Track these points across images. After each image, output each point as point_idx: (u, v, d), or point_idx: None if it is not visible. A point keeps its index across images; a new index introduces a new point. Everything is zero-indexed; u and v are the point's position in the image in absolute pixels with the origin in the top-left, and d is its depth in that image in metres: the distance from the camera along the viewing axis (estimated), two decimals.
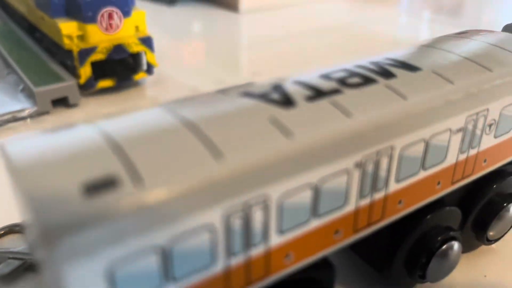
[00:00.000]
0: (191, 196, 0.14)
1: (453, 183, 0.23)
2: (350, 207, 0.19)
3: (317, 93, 0.18)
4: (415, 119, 0.19)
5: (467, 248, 0.28)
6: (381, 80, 0.20)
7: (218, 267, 0.16)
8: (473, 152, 0.23)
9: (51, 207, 0.12)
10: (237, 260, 0.16)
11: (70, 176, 0.13)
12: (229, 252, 0.16)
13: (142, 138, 0.15)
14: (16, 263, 0.26)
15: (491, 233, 0.27)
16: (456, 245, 0.24)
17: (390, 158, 0.19)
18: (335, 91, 0.19)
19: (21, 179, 0.13)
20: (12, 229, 0.30)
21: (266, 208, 0.16)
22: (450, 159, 0.22)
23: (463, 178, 0.23)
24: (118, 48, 0.47)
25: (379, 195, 0.20)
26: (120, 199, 0.13)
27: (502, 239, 0.28)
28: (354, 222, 0.19)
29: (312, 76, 0.20)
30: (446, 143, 0.21)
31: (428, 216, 0.23)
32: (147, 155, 0.14)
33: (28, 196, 0.13)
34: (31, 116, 0.44)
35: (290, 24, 0.78)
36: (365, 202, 0.19)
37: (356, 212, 0.19)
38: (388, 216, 0.21)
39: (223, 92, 0.19)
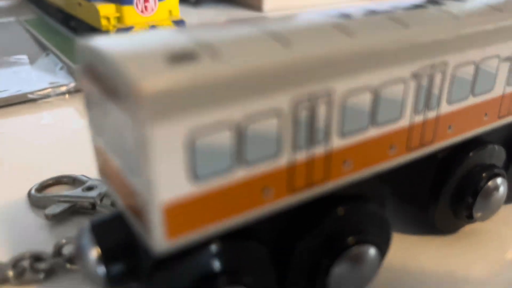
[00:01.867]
0: (262, 75, 0.15)
1: (499, 117, 0.23)
2: (405, 121, 0.19)
3: (373, 12, 0.19)
4: (466, 39, 0.20)
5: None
6: (432, 6, 0.21)
7: (284, 159, 0.16)
8: None
9: (141, 71, 0.13)
10: (300, 156, 0.17)
11: (156, 51, 0.14)
12: (294, 145, 0.16)
13: (220, 32, 0.16)
14: (65, 205, 0.27)
15: None
16: (501, 181, 0.24)
17: (443, 75, 0.19)
18: (389, 11, 0.19)
19: (113, 55, 0.14)
20: (59, 180, 0.31)
21: (330, 103, 0.16)
22: (498, 90, 0.22)
23: (509, 113, 0.24)
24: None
25: (431, 114, 0.20)
26: (199, 68, 0.14)
27: None
28: (408, 139, 0.20)
29: (366, 5, 0.21)
30: (494, 70, 0.21)
31: (473, 152, 0.23)
32: (224, 41, 0.15)
33: (122, 65, 0.13)
34: (69, 91, 0.45)
35: None
36: (418, 119, 0.20)
37: (410, 128, 0.20)
38: (438, 140, 0.21)
39: (289, 14, 0.20)
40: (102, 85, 0.15)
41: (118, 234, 0.18)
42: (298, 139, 0.16)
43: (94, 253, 0.18)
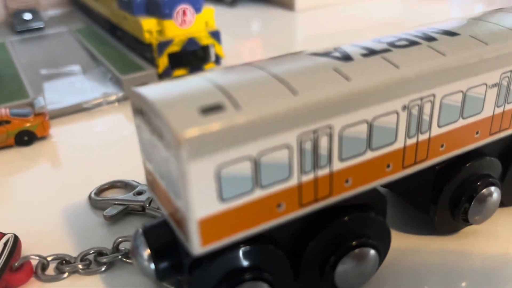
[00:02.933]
0: (275, 120, 0.19)
1: (491, 134, 0.26)
2: (399, 144, 0.23)
3: (370, 52, 0.23)
4: (453, 73, 0.23)
5: (508, 201, 0.31)
6: (424, 43, 0.24)
7: (294, 181, 0.20)
8: (509, 107, 0.26)
9: (181, 121, 0.18)
10: (307, 178, 0.21)
11: (191, 103, 0.19)
12: (302, 169, 0.20)
13: (237, 81, 0.20)
14: (120, 207, 0.32)
15: None
16: (495, 190, 0.27)
17: (433, 104, 0.23)
18: (385, 50, 0.23)
19: (158, 106, 0.19)
20: (113, 184, 0.36)
21: (330, 136, 0.20)
22: (487, 111, 0.25)
23: (500, 130, 0.27)
24: (191, 41, 0.53)
25: (423, 137, 0.24)
26: (225, 117, 0.18)
27: None
28: (403, 158, 0.23)
29: (366, 41, 0.24)
30: (482, 96, 0.25)
31: (470, 163, 0.27)
32: (243, 91, 0.19)
33: (166, 115, 0.18)
34: (118, 100, 0.51)
35: (344, 21, 0.82)
36: (412, 141, 0.23)
37: (405, 150, 0.23)
38: (432, 157, 0.25)
39: (294, 54, 0.24)
40: (151, 126, 0.20)
41: (164, 237, 0.23)
42: (305, 165, 0.20)
43: (146, 252, 0.22)
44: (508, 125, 0.27)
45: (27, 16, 0.74)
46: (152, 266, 0.22)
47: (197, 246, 0.19)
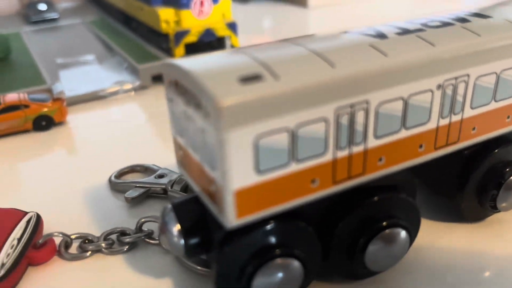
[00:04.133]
0: (313, 91, 0.19)
1: None
2: (432, 125, 0.23)
3: (404, 31, 0.23)
4: (488, 53, 0.23)
5: None
6: (458, 24, 0.24)
7: (329, 156, 0.20)
8: None
9: (220, 89, 0.17)
10: (342, 154, 0.21)
11: (230, 72, 0.18)
12: (337, 145, 0.20)
13: (276, 54, 0.20)
14: (141, 190, 0.32)
15: None
16: None
17: (467, 85, 0.23)
18: (419, 30, 0.23)
19: (197, 75, 0.18)
20: (133, 168, 0.36)
21: (366, 112, 0.20)
22: None
23: None
24: (208, 32, 0.53)
25: (456, 118, 0.23)
26: (265, 87, 0.18)
27: None
28: (435, 139, 0.23)
29: (397, 22, 0.24)
30: None
31: (498, 149, 0.26)
32: (282, 63, 0.19)
33: (205, 84, 0.18)
34: (134, 89, 0.51)
35: (357, 19, 0.82)
36: (444, 122, 0.23)
37: (437, 130, 0.23)
38: (463, 140, 0.24)
39: (327, 33, 0.23)
40: (187, 97, 0.20)
41: (193, 213, 0.22)
42: (341, 140, 0.20)
43: (175, 228, 0.22)
44: None
45: (42, 6, 0.74)
46: (182, 242, 0.22)
47: (232, 218, 0.19)
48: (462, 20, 0.24)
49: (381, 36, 0.22)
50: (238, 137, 0.18)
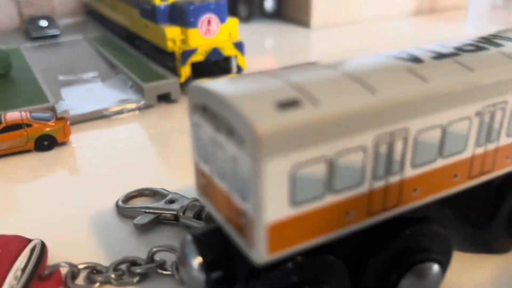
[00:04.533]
0: (353, 118, 0.17)
1: None
2: (467, 153, 0.22)
3: (440, 55, 0.22)
4: None
5: None
6: (492, 48, 0.23)
7: (365, 187, 0.19)
8: None
9: (257, 115, 0.16)
10: (379, 184, 0.19)
11: (265, 97, 0.17)
12: (374, 175, 0.19)
13: (313, 79, 0.19)
14: (151, 216, 0.31)
15: None
16: None
17: (504, 111, 0.22)
18: (454, 54, 0.22)
19: (229, 99, 0.17)
20: (142, 192, 0.34)
21: (405, 140, 0.19)
22: None
23: None
24: (215, 51, 0.52)
25: (491, 146, 0.22)
26: (304, 113, 0.17)
27: None
28: (470, 169, 0.22)
29: (429, 46, 0.23)
30: None
31: None
32: (320, 89, 0.18)
33: (241, 109, 0.17)
34: (139, 108, 0.49)
35: (359, 39, 0.82)
36: (479, 151, 0.22)
37: (472, 159, 0.22)
38: (497, 168, 0.23)
39: (359, 56, 0.22)
40: (217, 123, 0.18)
41: (216, 245, 0.21)
42: (378, 170, 0.19)
43: (196, 261, 0.21)
44: None
45: (43, 23, 0.73)
46: (203, 276, 0.21)
47: (263, 254, 0.18)
48: (495, 44, 0.23)
49: (416, 60, 0.21)
50: (275, 167, 0.16)
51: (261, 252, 0.18)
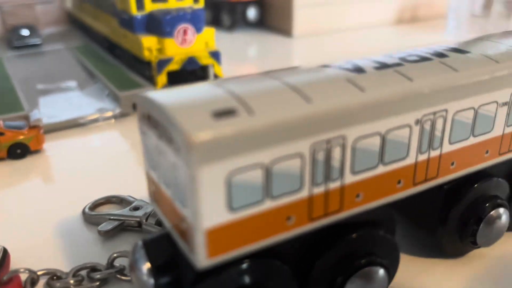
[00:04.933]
0: (288, 127, 0.18)
1: (500, 154, 0.26)
2: (410, 160, 0.22)
3: (383, 65, 0.22)
4: (466, 88, 0.23)
5: None
6: (436, 59, 0.24)
7: (305, 193, 0.20)
8: None
9: (192, 124, 0.17)
10: (318, 190, 0.20)
11: (203, 106, 0.18)
12: (313, 181, 0.20)
13: (252, 88, 0.20)
14: (116, 222, 0.31)
15: None
16: (503, 212, 0.27)
17: (445, 120, 0.23)
18: (397, 64, 0.23)
19: (168, 109, 0.18)
20: (109, 199, 0.35)
21: (343, 148, 0.20)
22: (497, 131, 0.25)
23: (509, 151, 0.26)
24: (191, 60, 0.53)
25: (434, 153, 0.23)
26: (238, 122, 0.17)
27: None
28: (414, 175, 0.23)
29: (377, 56, 0.24)
30: (493, 114, 0.24)
31: (478, 184, 0.26)
32: (257, 98, 0.19)
33: (177, 118, 0.17)
34: (115, 116, 0.50)
35: (341, 48, 0.83)
36: (423, 157, 0.23)
37: (416, 166, 0.23)
38: (442, 175, 0.24)
39: (306, 66, 0.23)
40: (159, 131, 0.19)
41: (165, 250, 0.22)
42: (317, 176, 0.20)
43: (145, 266, 0.21)
44: None
45: (25, 32, 0.73)
46: (152, 281, 0.21)
47: (203, 258, 0.18)
48: (441, 55, 0.24)
49: (359, 70, 0.22)
50: (210, 173, 0.17)
51: (201, 257, 0.18)
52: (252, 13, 0.90)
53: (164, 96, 0.19)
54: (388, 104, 0.20)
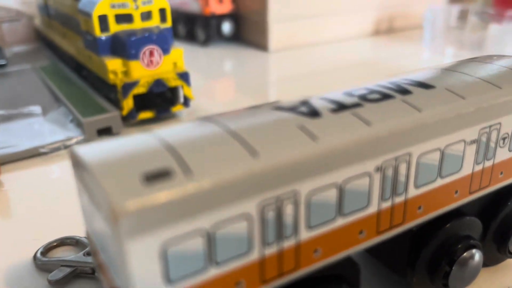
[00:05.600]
0: (231, 187, 0.16)
1: (470, 193, 0.25)
2: (373, 209, 0.21)
3: (340, 106, 0.21)
4: (430, 129, 0.21)
5: (490, 261, 0.29)
6: (398, 96, 0.22)
7: (254, 255, 0.18)
8: (488, 164, 0.25)
9: (120, 191, 0.15)
10: (271, 250, 0.18)
11: (134, 168, 0.16)
12: (264, 242, 0.18)
13: (191, 141, 0.18)
14: (67, 270, 0.29)
15: None
16: (476, 253, 0.25)
17: (408, 164, 0.21)
18: (356, 105, 0.21)
19: (94, 171, 0.16)
20: (63, 242, 0.33)
21: (296, 203, 0.18)
22: (466, 169, 0.24)
23: (480, 189, 0.25)
24: (158, 82, 0.51)
25: (399, 199, 0.22)
26: (173, 186, 0.16)
27: None
28: (377, 223, 0.21)
29: (336, 93, 0.23)
30: (461, 153, 0.23)
31: (449, 224, 0.25)
32: (196, 154, 0.17)
33: (103, 183, 0.15)
34: (78, 143, 0.47)
35: (317, 62, 0.81)
36: (386, 205, 0.21)
37: (379, 214, 0.21)
38: (409, 221, 0.22)
39: (256, 107, 0.21)
40: (89, 193, 0.17)
41: None
42: (268, 236, 0.18)
43: None
44: (488, 182, 0.25)
45: None
46: None
47: None
48: (404, 91, 0.23)
49: (313, 114, 0.20)
50: (142, 245, 0.15)
51: None
52: (227, 27, 0.88)
53: (93, 152, 0.17)
54: (343, 153, 0.19)
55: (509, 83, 0.24)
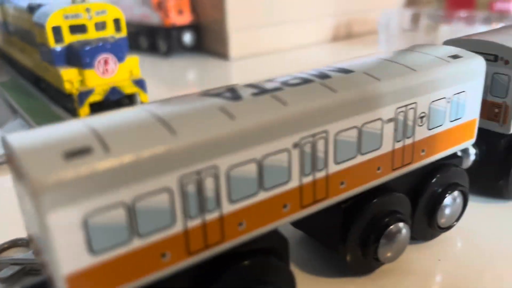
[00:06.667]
0: (150, 162, 0.18)
1: (393, 169, 0.26)
2: (294, 183, 0.22)
3: (261, 91, 0.22)
4: (345, 108, 0.23)
5: (423, 236, 0.31)
6: (317, 80, 0.24)
7: (178, 228, 0.19)
8: (409, 141, 0.26)
9: (40, 167, 0.16)
10: (194, 223, 0.20)
11: (55, 147, 0.17)
12: (187, 214, 0.19)
13: (115, 124, 0.19)
14: (17, 268, 0.30)
15: (442, 221, 0.30)
16: (403, 227, 0.27)
17: (326, 141, 0.23)
18: (277, 89, 0.23)
19: (19, 151, 0.17)
20: (15, 243, 0.33)
21: (216, 177, 0.19)
22: (386, 147, 0.25)
23: (403, 165, 0.27)
24: (114, 90, 0.52)
25: (320, 175, 0.23)
26: (91, 161, 0.17)
27: (457, 227, 0.31)
28: (300, 197, 0.23)
29: (261, 81, 0.24)
30: (379, 131, 0.25)
31: (376, 199, 0.26)
32: (117, 134, 0.18)
33: (26, 161, 0.16)
34: None
35: (278, 69, 0.84)
36: (307, 179, 0.23)
37: (301, 188, 0.23)
38: (332, 195, 0.24)
39: (186, 95, 0.23)
40: (18, 175, 0.18)
41: None
42: (190, 209, 0.19)
43: None
44: (411, 160, 0.27)
45: None
46: None
47: None
48: (323, 76, 0.24)
49: (236, 98, 0.22)
50: (63, 217, 0.16)
51: None
52: (187, 38, 0.90)
53: (22, 137, 0.18)
54: (259, 130, 0.20)
55: (425, 67, 0.26)
